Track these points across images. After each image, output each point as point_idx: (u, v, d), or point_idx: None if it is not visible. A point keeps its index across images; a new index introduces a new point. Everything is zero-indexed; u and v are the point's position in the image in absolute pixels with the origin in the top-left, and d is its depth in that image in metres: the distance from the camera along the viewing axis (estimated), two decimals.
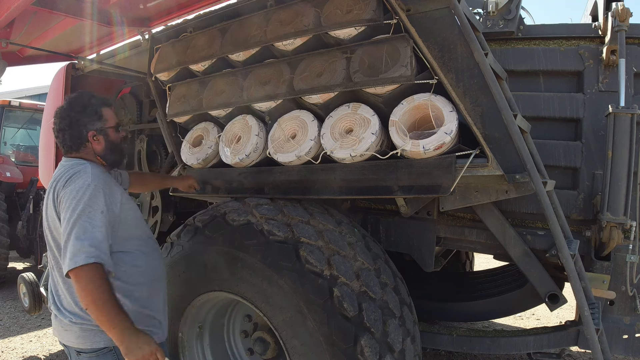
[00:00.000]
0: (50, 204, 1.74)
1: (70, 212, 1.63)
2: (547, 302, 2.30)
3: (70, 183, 1.70)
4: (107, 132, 1.88)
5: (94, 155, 1.87)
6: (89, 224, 1.62)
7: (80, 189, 1.67)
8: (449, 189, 1.78)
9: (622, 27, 2.15)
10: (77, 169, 1.76)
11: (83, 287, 1.56)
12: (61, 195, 1.70)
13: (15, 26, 2.78)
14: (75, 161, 1.82)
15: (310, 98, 2.10)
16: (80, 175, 1.72)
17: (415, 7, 1.79)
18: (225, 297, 2.21)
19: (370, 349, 1.76)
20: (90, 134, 1.84)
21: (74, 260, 1.56)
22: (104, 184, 1.76)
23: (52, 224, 1.75)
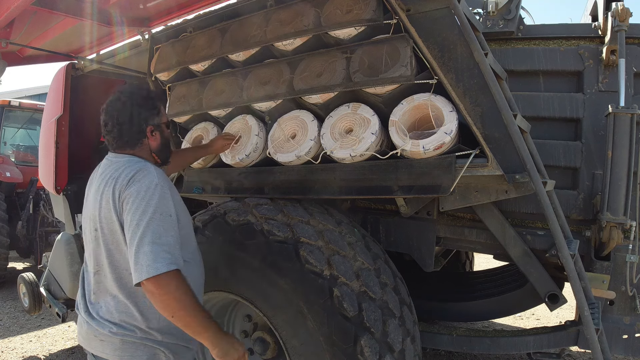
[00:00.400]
0: (105, 203, 1.59)
1: (140, 215, 1.50)
2: (547, 302, 2.30)
3: (134, 182, 1.56)
4: (162, 128, 1.79)
5: (149, 152, 1.76)
6: (162, 228, 1.51)
7: (148, 189, 1.54)
8: (449, 189, 1.78)
9: (622, 27, 2.15)
10: (138, 166, 1.62)
11: (168, 294, 1.45)
12: (124, 194, 1.55)
13: (15, 26, 2.78)
14: (130, 158, 1.70)
15: (310, 98, 2.10)
16: (145, 174, 1.58)
17: (415, 7, 1.79)
18: (225, 297, 2.21)
19: (370, 349, 1.76)
20: (149, 129, 1.73)
21: (155, 267, 1.44)
22: (168, 184, 1.65)
23: (107, 225, 1.60)
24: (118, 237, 1.59)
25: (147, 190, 1.54)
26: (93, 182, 1.74)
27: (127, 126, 1.70)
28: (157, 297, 1.47)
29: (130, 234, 1.51)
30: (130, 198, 1.53)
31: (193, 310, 1.49)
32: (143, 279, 1.45)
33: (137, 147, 1.73)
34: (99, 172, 1.74)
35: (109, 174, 1.65)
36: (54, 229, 6.67)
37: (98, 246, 1.64)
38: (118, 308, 1.63)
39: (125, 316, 1.62)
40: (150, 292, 1.47)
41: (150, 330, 1.62)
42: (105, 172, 1.68)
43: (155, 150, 1.78)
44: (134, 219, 1.50)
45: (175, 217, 1.59)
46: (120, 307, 1.63)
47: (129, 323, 1.61)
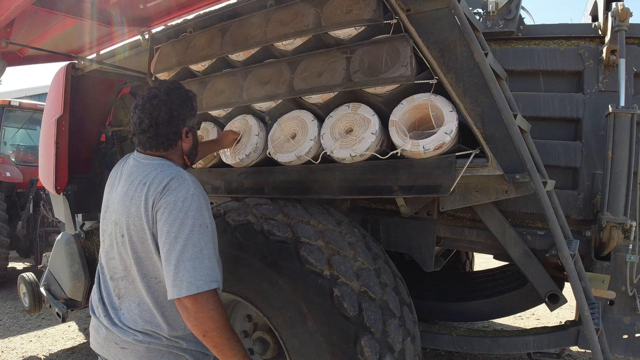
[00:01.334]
0: (135, 210, 1.51)
1: (178, 227, 1.43)
2: (547, 302, 2.30)
3: (170, 191, 1.48)
4: (194, 130, 1.72)
5: (181, 154, 1.70)
6: (203, 241, 1.45)
7: (185, 199, 1.46)
8: (449, 189, 1.78)
9: (622, 27, 2.15)
10: (171, 172, 1.54)
11: (204, 313, 1.40)
12: (159, 204, 1.47)
13: (15, 26, 2.78)
14: (161, 161, 1.61)
15: (310, 98, 2.10)
16: (180, 182, 1.50)
17: (415, 7, 1.79)
18: (225, 297, 2.21)
19: (370, 349, 1.76)
20: (184, 130, 1.66)
21: (196, 284, 1.39)
22: (203, 193, 1.58)
23: (136, 232, 1.52)
24: (148, 246, 1.52)
25: (185, 200, 1.47)
26: (117, 182, 1.66)
27: (166, 126, 1.61)
28: (192, 315, 1.42)
29: (168, 246, 1.43)
30: (167, 208, 1.45)
31: (225, 332, 1.44)
32: (183, 295, 1.39)
33: (171, 149, 1.66)
34: (125, 172, 1.65)
35: (139, 177, 1.55)
36: (54, 229, 6.67)
37: (126, 252, 1.57)
38: (142, 315, 1.57)
39: (149, 325, 1.56)
40: (185, 308, 1.42)
41: (176, 338, 1.58)
42: (134, 174, 1.58)
43: (187, 152, 1.71)
44: (172, 230, 1.43)
45: (211, 228, 1.54)
46: (144, 314, 1.57)
47: (153, 331, 1.56)
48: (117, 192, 1.62)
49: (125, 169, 1.66)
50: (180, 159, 1.71)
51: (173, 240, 1.43)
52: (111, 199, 1.66)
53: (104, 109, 4.18)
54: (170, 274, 1.42)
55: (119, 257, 1.60)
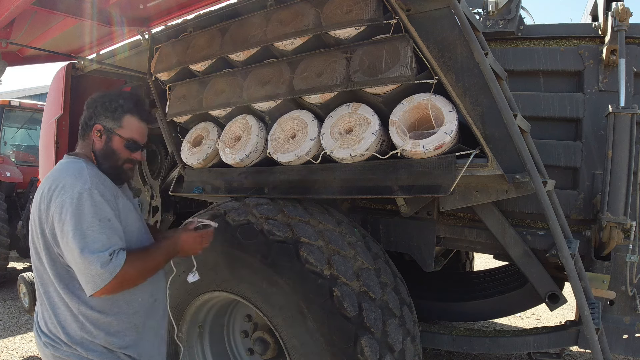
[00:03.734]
0: (37, 204, 1.61)
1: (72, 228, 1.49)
2: (547, 302, 2.30)
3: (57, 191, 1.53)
4: (111, 136, 1.70)
5: (89, 151, 1.72)
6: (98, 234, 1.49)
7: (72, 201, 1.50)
8: (449, 189, 1.78)
9: (622, 27, 2.15)
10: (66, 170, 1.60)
11: (129, 282, 1.52)
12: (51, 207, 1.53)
13: (15, 26, 2.78)
14: (70, 159, 1.68)
15: (310, 98, 2.10)
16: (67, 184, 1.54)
17: (415, 7, 1.79)
18: (225, 297, 2.21)
19: (370, 349, 1.76)
20: (97, 128, 1.69)
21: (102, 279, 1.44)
22: (102, 187, 1.59)
23: (35, 227, 1.60)
24: (39, 243, 1.57)
25: (72, 202, 1.49)
26: None
27: (85, 111, 1.74)
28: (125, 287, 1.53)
29: (69, 248, 1.47)
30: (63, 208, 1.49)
31: (153, 265, 1.61)
32: (97, 290, 1.46)
33: (85, 139, 1.74)
34: None
35: (45, 178, 1.63)
36: None
37: (33, 248, 1.63)
38: (44, 317, 1.61)
39: (51, 327, 1.59)
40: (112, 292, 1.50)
41: (74, 345, 1.56)
42: (47, 175, 1.67)
43: (96, 152, 1.70)
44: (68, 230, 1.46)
45: (116, 219, 1.56)
46: (45, 316, 1.60)
47: (55, 335, 1.58)
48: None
49: None
50: (89, 153, 1.72)
51: (73, 238, 1.45)
52: None
53: None
54: (78, 275, 1.49)
55: (32, 253, 1.66)
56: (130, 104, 1.73)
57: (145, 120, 1.78)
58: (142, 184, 3.82)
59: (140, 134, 1.75)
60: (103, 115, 1.70)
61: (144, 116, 1.77)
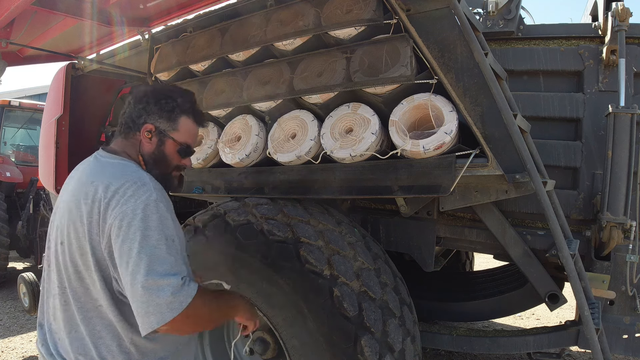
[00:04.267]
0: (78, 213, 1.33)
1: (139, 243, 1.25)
2: (547, 302, 2.30)
3: (126, 198, 1.29)
4: (165, 140, 1.50)
5: (137, 153, 1.50)
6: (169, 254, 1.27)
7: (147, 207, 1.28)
8: (449, 188, 1.78)
9: (622, 27, 2.15)
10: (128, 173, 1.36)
11: (190, 327, 1.33)
12: (114, 213, 1.28)
13: (15, 26, 2.78)
14: (122, 161, 1.44)
15: (310, 98, 2.10)
16: (138, 187, 1.32)
17: (415, 7, 1.79)
18: None
19: (370, 349, 1.76)
20: (148, 127, 1.47)
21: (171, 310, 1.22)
22: (167, 199, 1.39)
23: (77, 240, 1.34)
24: (87, 260, 1.31)
25: (145, 209, 1.27)
26: (70, 182, 1.46)
27: (132, 107, 1.50)
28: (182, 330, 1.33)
29: (132, 268, 1.23)
30: (124, 221, 1.25)
31: (222, 311, 1.45)
32: (158, 326, 1.22)
33: (129, 138, 1.50)
34: (79, 169, 1.48)
35: (91, 176, 1.38)
36: None
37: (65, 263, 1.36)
38: (74, 346, 1.35)
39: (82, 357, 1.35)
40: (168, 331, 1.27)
41: None
42: (87, 171, 1.41)
43: (145, 155, 1.50)
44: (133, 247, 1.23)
45: (178, 240, 1.35)
46: (76, 345, 1.35)
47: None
48: (67, 191, 1.43)
49: (82, 167, 1.48)
50: (135, 156, 1.50)
51: (137, 258, 1.22)
52: (61, 198, 1.46)
53: (104, 109, 4.18)
54: (138, 303, 1.23)
55: (56, 269, 1.39)
56: (187, 103, 1.54)
57: (200, 124, 1.61)
58: None
59: (193, 138, 1.59)
60: (157, 115, 1.48)
61: (199, 119, 1.59)
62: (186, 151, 1.55)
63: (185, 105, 1.53)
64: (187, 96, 1.57)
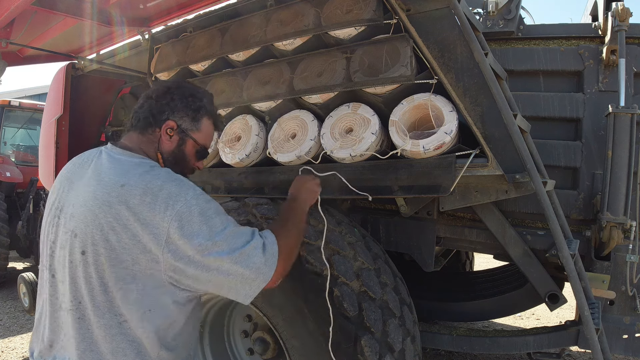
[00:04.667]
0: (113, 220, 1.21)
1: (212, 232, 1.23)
2: (547, 302, 2.30)
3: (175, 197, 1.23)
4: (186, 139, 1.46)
5: (155, 150, 1.43)
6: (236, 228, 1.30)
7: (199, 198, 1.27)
8: (449, 189, 1.78)
9: (622, 27, 2.15)
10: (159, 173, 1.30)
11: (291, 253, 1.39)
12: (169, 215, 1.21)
13: (15, 26, 2.78)
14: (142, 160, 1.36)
15: (310, 98, 2.10)
16: (179, 182, 1.28)
17: (415, 7, 1.79)
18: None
19: (370, 349, 1.76)
20: (169, 124, 1.42)
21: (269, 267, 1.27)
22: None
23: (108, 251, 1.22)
24: (125, 271, 1.21)
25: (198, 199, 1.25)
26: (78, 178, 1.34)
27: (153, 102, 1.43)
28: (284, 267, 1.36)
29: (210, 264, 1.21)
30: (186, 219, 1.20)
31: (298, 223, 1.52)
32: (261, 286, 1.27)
33: (146, 134, 1.42)
34: (92, 168, 1.34)
35: (114, 177, 1.26)
36: None
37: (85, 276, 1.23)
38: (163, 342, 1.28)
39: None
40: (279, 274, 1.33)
41: None
42: (106, 172, 1.29)
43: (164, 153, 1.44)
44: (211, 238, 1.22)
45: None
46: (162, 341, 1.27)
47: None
48: (81, 192, 1.29)
49: (93, 164, 1.35)
50: (153, 154, 1.42)
51: (214, 249, 1.21)
52: (69, 199, 1.31)
53: (104, 109, 4.19)
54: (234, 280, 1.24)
55: (71, 280, 1.24)
56: (211, 105, 1.51)
57: (218, 128, 1.59)
58: None
59: (210, 141, 1.56)
60: (183, 112, 1.43)
61: (218, 122, 1.58)
62: (203, 153, 1.53)
63: (210, 106, 1.51)
64: (210, 97, 1.55)
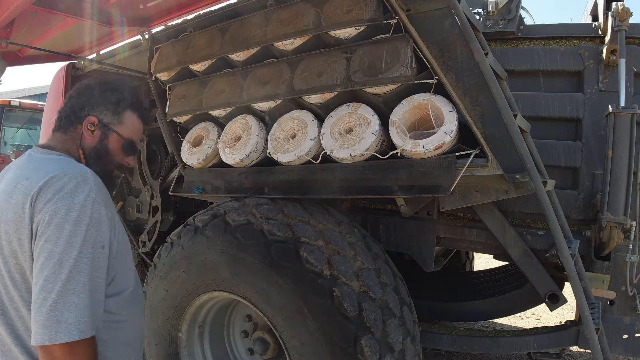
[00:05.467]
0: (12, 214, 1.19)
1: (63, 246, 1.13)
2: (547, 302, 2.30)
3: (61, 194, 1.17)
4: (109, 133, 1.43)
5: (77, 147, 1.41)
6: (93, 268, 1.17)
7: (83, 206, 1.18)
8: (449, 189, 1.78)
9: (622, 27, 2.15)
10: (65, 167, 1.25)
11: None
12: (43, 210, 1.15)
13: (15, 26, 2.78)
14: (59, 157, 1.33)
15: (310, 98, 2.10)
16: (76, 183, 1.20)
17: (415, 7, 1.79)
18: (225, 297, 2.21)
19: (370, 349, 1.76)
20: (90, 120, 1.40)
21: (79, 328, 1.10)
22: (108, 199, 1.29)
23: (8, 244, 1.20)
24: (22, 267, 1.18)
25: (82, 207, 1.16)
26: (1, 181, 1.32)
27: (75, 100, 1.43)
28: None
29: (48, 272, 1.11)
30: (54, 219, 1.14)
31: None
32: (58, 341, 1.08)
33: (69, 132, 1.41)
34: (10, 170, 1.33)
35: (24, 172, 1.25)
36: None
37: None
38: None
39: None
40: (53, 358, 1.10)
41: None
42: (20, 168, 1.29)
43: (86, 150, 1.40)
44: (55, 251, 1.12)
45: (115, 247, 1.26)
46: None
47: None
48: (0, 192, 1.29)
49: (14, 164, 1.35)
50: (75, 151, 1.40)
51: (56, 264, 1.11)
52: None
53: None
54: (42, 311, 1.09)
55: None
56: (133, 98, 1.48)
57: (145, 121, 1.55)
58: (142, 184, 3.82)
59: (138, 134, 1.52)
60: (102, 106, 1.41)
61: (144, 115, 1.54)
62: (130, 148, 1.48)
63: (132, 99, 1.48)
64: (133, 90, 1.52)
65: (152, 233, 3.67)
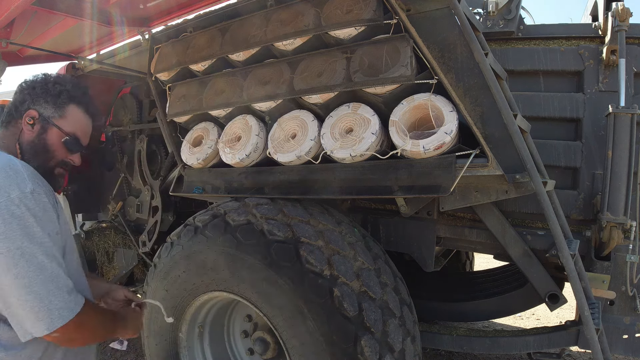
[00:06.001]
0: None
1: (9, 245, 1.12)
2: (547, 302, 2.30)
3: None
4: (49, 127, 1.37)
5: (15, 142, 1.36)
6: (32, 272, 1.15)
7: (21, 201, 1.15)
8: (449, 189, 1.78)
9: (622, 27, 2.15)
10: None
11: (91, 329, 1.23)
12: None
13: (15, 26, 2.78)
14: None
15: (310, 98, 2.10)
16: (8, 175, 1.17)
17: (415, 7, 1.79)
18: (225, 297, 2.21)
19: (370, 349, 1.76)
20: (30, 114, 1.36)
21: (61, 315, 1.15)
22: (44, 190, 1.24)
23: None
24: None
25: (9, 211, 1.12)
26: None
27: (16, 95, 1.39)
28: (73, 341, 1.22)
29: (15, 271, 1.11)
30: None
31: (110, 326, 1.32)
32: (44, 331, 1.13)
33: (10, 128, 1.37)
34: None
35: None
36: None
37: None
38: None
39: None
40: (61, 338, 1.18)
41: None
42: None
43: (24, 144, 1.35)
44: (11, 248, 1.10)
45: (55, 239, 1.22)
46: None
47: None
48: None
49: None
50: (13, 147, 1.35)
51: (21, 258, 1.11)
52: None
53: (104, 108, 4.19)
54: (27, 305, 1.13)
55: None
56: (78, 91, 1.42)
57: (92, 116, 1.46)
58: (142, 184, 3.82)
59: (83, 131, 1.44)
60: (42, 99, 1.36)
61: (91, 110, 1.45)
62: (74, 144, 1.41)
63: (76, 92, 1.42)
64: (79, 85, 1.46)
65: (152, 233, 3.67)
